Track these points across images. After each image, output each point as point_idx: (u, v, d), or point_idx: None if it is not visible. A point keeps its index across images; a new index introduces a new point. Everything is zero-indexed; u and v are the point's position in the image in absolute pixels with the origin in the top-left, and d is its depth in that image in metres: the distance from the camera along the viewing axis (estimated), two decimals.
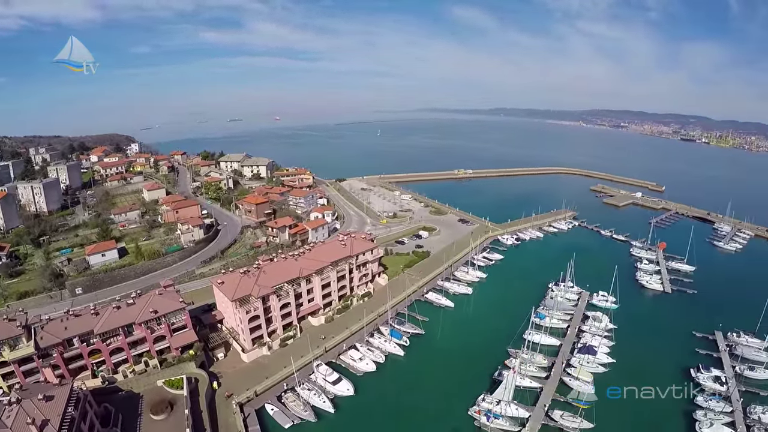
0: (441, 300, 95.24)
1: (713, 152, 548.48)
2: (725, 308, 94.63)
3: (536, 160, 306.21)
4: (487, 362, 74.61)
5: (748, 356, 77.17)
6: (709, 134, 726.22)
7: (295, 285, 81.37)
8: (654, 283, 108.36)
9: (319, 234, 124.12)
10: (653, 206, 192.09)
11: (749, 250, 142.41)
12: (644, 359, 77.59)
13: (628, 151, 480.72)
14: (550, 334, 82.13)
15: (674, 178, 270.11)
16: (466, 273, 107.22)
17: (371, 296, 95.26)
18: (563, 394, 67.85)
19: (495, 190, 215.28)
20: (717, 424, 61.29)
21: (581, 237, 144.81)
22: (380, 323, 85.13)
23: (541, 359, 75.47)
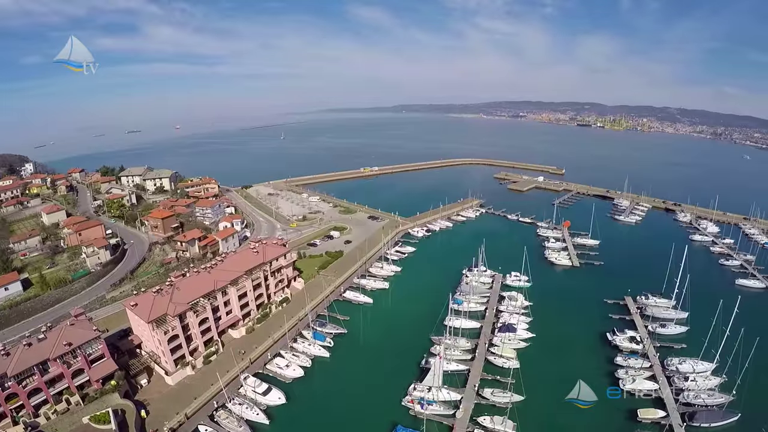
0: (359, 297, 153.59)
1: (608, 135, 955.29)
2: (631, 275, 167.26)
3: (440, 153, 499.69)
4: (412, 352, 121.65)
5: (658, 315, 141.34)
6: (603, 119, 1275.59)
7: (211, 298, 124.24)
8: (563, 259, 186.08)
9: (229, 244, 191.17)
10: (555, 188, 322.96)
11: (647, 221, 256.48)
12: (562, 330, 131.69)
13: (528, 139, 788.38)
14: (469, 318, 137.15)
15: (573, 161, 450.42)
16: (381, 268, 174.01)
17: (289, 301, 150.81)
18: (490, 372, 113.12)
19: (402, 185, 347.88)
20: (639, 379, 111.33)
21: (489, 223, 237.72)
22: (302, 327, 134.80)
23: (465, 342, 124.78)
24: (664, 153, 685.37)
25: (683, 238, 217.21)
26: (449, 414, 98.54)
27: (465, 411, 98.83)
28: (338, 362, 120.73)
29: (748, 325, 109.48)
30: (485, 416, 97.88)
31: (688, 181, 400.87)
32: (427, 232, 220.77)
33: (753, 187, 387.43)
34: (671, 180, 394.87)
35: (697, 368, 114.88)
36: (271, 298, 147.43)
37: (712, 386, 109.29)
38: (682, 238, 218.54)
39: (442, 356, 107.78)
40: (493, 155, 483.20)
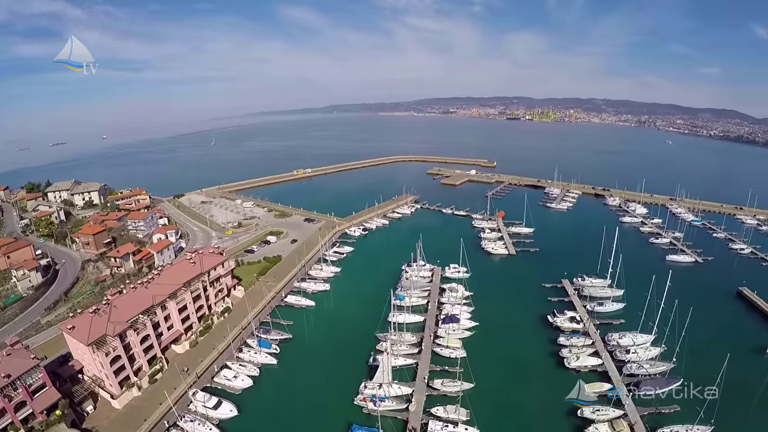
0: (301, 301, 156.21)
1: (537, 127, 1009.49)
2: (566, 259, 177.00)
3: (373, 152, 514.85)
4: (359, 351, 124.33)
5: (595, 294, 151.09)
6: (532, 112, 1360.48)
7: (151, 314, 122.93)
8: (499, 249, 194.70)
9: (165, 256, 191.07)
10: (488, 181, 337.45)
11: (578, 207, 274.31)
12: (504, 316, 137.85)
13: (460, 134, 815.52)
14: (413, 312, 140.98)
15: (504, 154, 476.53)
16: (321, 270, 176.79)
17: (231, 311, 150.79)
18: (438, 363, 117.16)
19: (336, 185, 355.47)
20: (582, 356, 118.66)
21: (425, 218, 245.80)
22: (246, 336, 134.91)
23: (410, 337, 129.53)
24: (592, 142, 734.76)
25: (614, 221, 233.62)
26: (402, 408, 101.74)
27: (417, 403, 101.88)
28: (286, 368, 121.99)
29: (680, 296, 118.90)
30: (438, 406, 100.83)
31: (616, 167, 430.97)
32: (364, 231, 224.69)
33: (677, 170, 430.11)
34: (599, 167, 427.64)
35: (637, 341, 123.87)
36: (212, 309, 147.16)
37: (653, 356, 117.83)
38: (612, 220, 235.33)
39: (389, 352, 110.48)
40: (425, 151, 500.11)
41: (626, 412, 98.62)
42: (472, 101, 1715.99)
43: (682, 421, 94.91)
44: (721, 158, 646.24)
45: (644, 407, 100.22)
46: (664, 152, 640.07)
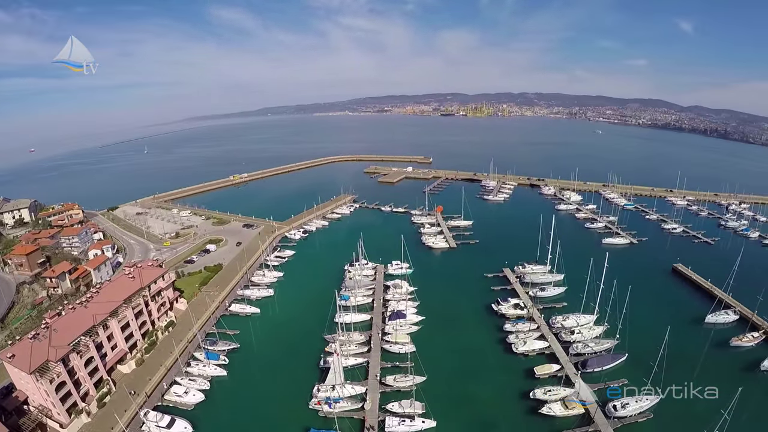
0: (246, 309, 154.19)
1: (471, 122, 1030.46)
2: (506, 248, 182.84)
3: (309, 153, 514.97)
4: (309, 355, 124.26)
5: (537, 281, 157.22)
6: (465, 107, 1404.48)
7: (93, 335, 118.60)
8: (439, 243, 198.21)
9: (103, 273, 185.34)
10: (424, 177, 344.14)
11: (515, 198, 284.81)
12: (450, 308, 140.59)
13: (395, 132, 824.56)
14: (359, 312, 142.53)
15: (440, 150, 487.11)
16: (263, 276, 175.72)
17: (175, 324, 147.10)
18: (388, 360, 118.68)
19: (274, 188, 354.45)
20: (529, 341, 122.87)
21: (365, 217, 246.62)
22: (193, 350, 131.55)
23: (358, 336, 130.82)
24: (525, 134, 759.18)
25: (550, 209, 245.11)
26: (358, 407, 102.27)
27: (372, 401, 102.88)
28: (237, 379, 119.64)
29: (619, 277, 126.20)
30: (393, 402, 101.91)
31: (550, 157, 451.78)
32: (304, 234, 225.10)
33: (608, 158, 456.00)
34: (534, 158, 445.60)
35: (581, 322, 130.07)
36: (155, 324, 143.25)
37: (597, 335, 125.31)
38: (548, 209, 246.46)
39: (339, 353, 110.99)
40: (361, 151, 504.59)
41: (577, 389, 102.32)
42: (406, 99, 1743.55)
43: (631, 393, 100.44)
44: (650, 145, 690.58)
45: (593, 383, 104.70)
46: (595, 141, 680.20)
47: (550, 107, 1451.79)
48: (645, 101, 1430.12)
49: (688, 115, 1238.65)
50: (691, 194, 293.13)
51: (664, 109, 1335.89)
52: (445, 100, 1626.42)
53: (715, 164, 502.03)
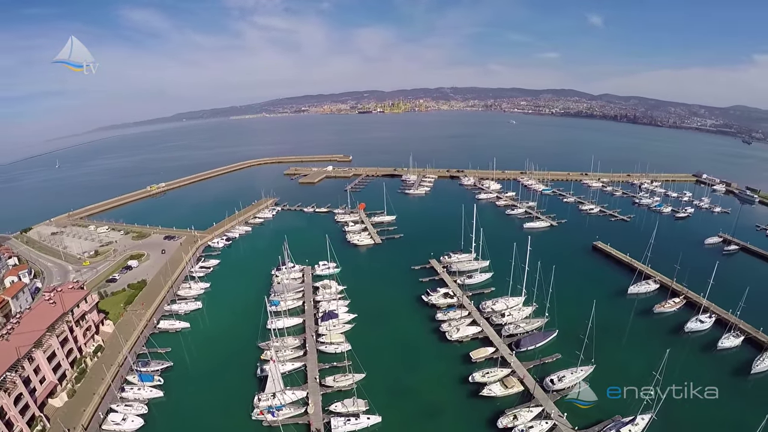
0: (175, 324, 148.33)
1: (389, 118, 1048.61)
2: (431, 240, 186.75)
3: (227, 158, 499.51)
4: (245, 365, 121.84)
5: (463, 269, 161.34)
6: (383, 104, 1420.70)
7: (19, 370, 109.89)
8: (365, 240, 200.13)
9: (21, 300, 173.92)
10: (345, 175, 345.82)
11: (436, 190, 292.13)
12: (381, 303, 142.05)
13: (313, 132, 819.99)
14: (291, 316, 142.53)
15: (359, 147, 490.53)
16: (189, 288, 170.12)
17: (103, 349, 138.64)
18: (326, 361, 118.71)
19: (194, 196, 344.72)
20: (462, 327, 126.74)
21: (288, 220, 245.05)
22: (125, 373, 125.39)
23: (293, 340, 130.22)
24: (443, 128, 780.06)
25: (471, 199, 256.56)
26: (301, 412, 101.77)
27: (315, 404, 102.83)
28: (175, 398, 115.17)
29: (542, 258, 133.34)
30: (336, 402, 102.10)
31: (468, 149, 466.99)
32: (227, 242, 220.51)
33: (524, 146, 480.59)
34: (452, 150, 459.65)
35: (510, 304, 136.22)
36: (83, 351, 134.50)
37: (527, 315, 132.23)
38: (469, 199, 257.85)
39: (275, 360, 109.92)
40: (281, 152, 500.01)
41: (514, 369, 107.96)
42: (323, 98, 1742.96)
43: (566, 366, 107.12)
44: (564, 132, 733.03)
45: (529, 361, 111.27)
46: (510, 131, 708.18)
47: (466, 101, 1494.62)
48: (557, 91, 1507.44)
49: (598, 103, 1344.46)
50: (605, 176, 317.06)
51: (575, 98, 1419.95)
52: (362, 97, 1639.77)
53: (626, 147, 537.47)
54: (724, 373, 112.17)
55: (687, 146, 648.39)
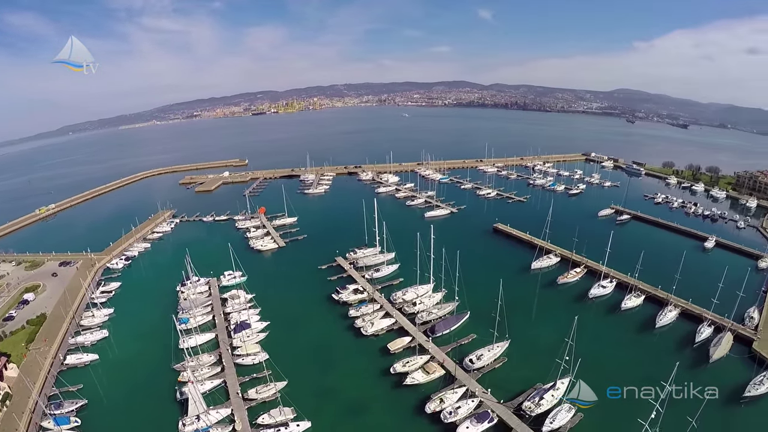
0: (83, 358, 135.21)
1: (283, 119, 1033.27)
2: (335, 238, 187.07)
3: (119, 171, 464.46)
4: (162, 390, 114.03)
5: (370, 263, 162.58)
6: (277, 104, 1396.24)
7: None
8: (268, 244, 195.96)
9: None
10: (242, 180, 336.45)
11: (335, 188, 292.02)
12: (292, 307, 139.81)
13: (207, 137, 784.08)
14: (202, 332, 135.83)
15: (255, 150, 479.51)
16: (93, 317, 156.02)
17: (11, 396, 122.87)
18: (245, 374, 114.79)
19: (87, 216, 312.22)
20: (376, 321, 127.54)
21: (188, 231, 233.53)
22: (38, 419, 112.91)
23: (208, 357, 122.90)
24: (338, 125, 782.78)
25: (371, 194, 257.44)
26: (229, 431, 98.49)
27: (241, 420, 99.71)
28: None
29: (446, 244, 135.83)
30: (262, 415, 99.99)
31: (364, 144, 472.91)
32: (127, 261, 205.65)
33: (419, 138, 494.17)
34: (348, 147, 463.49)
35: (420, 292, 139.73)
36: None
37: (438, 301, 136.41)
38: (369, 193, 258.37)
39: (193, 380, 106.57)
40: (174, 161, 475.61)
41: (432, 354, 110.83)
42: (216, 101, 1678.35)
43: (482, 344, 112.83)
44: (457, 122, 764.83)
45: (446, 345, 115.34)
46: (405, 125, 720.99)
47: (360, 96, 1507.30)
48: (450, 83, 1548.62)
49: (490, 92, 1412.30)
50: (500, 161, 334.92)
51: (467, 89, 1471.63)
52: (256, 98, 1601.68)
53: (518, 133, 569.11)
54: (630, 331, 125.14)
55: (575, 128, 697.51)
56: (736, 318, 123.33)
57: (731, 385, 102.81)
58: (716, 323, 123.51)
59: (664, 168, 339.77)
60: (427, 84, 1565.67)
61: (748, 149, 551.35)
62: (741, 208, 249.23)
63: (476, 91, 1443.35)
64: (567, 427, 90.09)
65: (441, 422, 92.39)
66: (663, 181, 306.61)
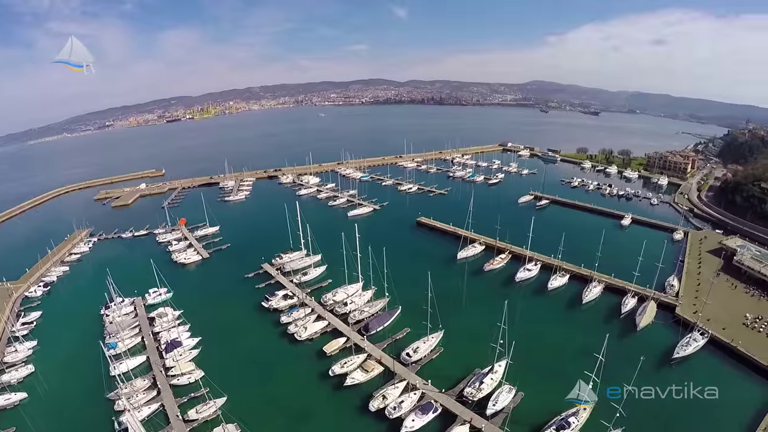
0: (11, 398, 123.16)
1: (199, 125, 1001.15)
2: (259, 245, 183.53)
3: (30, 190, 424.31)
4: (99, 423, 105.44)
5: (297, 267, 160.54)
6: (192, 110, 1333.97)
7: None
8: (192, 257, 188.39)
9: None
10: (160, 191, 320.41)
11: (256, 193, 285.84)
12: (222, 320, 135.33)
13: (121, 148, 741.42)
14: (132, 355, 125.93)
15: (171, 159, 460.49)
16: (16, 352, 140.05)
17: None
18: (181, 395, 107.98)
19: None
20: (309, 325, 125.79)
21: (107, 250, 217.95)
22: None
23: (142, 382, 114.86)
24: (255, 128, 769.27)
25: (292, 196, 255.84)
26: None
27: None
28: None
29: (371, 242, 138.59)
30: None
31: (282, 146, 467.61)
32: (45, 288, 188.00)
33: (338, 137, 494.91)
34: (267, 150, 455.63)
35: (350, 292, 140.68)
36: None
37: (368, 299, 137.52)
38: (291, 196, 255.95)
39: (129, 408, 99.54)
40: (88, 176, 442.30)
41: (369, 352, 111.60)
42: (129, 110, 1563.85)
43: (417, 337, 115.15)
44: (375, 119, 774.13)
45: (382, 342, 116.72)
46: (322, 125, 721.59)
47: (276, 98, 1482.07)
48: (366, 81, 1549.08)
49: (406, 89, 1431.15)
50: (419, 156, 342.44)
51: (384, 87, 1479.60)
52: (170, 105, 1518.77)
53: (436, 127, 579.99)
54: (559, 309, 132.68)
55: (491, 120, 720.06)
56: (657, 287, 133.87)
57: (660, 349, 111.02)
58: (639, 294, 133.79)
59: (579, 154, 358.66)
60: (344, 83, 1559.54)
61: (657, 132, 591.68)
62: (653, 186, 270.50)
63: (393, 88, 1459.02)
64: (510, 407, 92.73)
65: (387, 418, 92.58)
66: (578, 166, 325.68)
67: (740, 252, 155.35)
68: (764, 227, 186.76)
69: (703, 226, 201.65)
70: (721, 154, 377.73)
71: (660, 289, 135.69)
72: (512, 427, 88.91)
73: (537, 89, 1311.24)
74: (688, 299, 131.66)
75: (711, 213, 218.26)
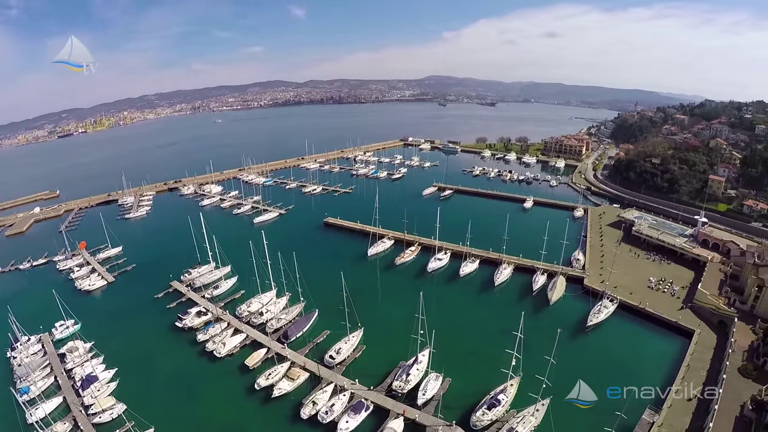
0: None
1: (92, 138, 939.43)
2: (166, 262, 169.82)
3: None
4: None
5: (207, 281, 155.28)
6: (84, 123, 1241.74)
7: None
8: (96, 282, 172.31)
9: None
10: (56, 214, 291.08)
11: (157, 207, 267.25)
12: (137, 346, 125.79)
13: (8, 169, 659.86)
14: (48, 398, 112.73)
15: (65, 178, 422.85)
16: None
17: None
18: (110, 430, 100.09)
19: None
20: (227, 340, 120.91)
21: (4, 285, 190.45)
22: None
23: (62, 426, 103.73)
24: (151, 138, 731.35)
25: (195, 208, 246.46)
26: None
27: None
28: None
29: (280, 247, 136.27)
30: None
31: (181, 156, 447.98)
32: None
33: (238, 143, 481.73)
34: (165, 161, 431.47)
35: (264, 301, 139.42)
36: None
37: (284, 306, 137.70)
38: (194, 208, 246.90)
39: None
40: None
41: (292, 360, 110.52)
42: (16, 126, 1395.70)
43: (338, 338, 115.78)
44: (274, 122, 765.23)
45: (303, 347, 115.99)
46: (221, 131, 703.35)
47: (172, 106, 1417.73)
48: (264, 84, 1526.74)
49: (305, 90, 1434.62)
50: (321, 156, 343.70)
51: (282, 88, 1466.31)
52: (61, 119, 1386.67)
53: (336, 126, 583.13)
54: (473, 294, 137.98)
55: (391, 116, 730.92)
56: (564, 263, 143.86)
57: (575, 319, 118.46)
58: (548, 271, 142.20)
59: (478, 143, 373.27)
60: (242, 86, 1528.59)
61: (551, 118, 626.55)
62: (551, 169, 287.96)
63: (291, 89, 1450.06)
64: (440, 394, 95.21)
65: (320, 423, 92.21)
66: (478, 155, 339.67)
67: (638, 222, 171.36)
68: (657, 198, 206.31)
69: (601, 202, 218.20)
70: (613, 135, 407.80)
71: (567, 264, 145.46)
72: (445, 412, 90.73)
73: (435, 84, 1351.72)
74: (594, 270, 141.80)
75: (607, 189, 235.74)
